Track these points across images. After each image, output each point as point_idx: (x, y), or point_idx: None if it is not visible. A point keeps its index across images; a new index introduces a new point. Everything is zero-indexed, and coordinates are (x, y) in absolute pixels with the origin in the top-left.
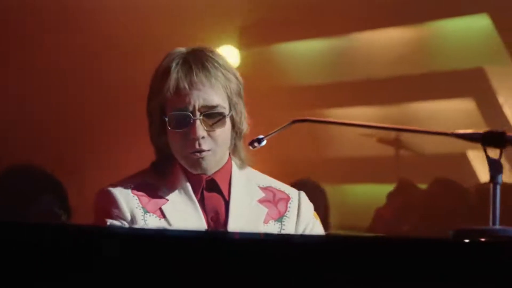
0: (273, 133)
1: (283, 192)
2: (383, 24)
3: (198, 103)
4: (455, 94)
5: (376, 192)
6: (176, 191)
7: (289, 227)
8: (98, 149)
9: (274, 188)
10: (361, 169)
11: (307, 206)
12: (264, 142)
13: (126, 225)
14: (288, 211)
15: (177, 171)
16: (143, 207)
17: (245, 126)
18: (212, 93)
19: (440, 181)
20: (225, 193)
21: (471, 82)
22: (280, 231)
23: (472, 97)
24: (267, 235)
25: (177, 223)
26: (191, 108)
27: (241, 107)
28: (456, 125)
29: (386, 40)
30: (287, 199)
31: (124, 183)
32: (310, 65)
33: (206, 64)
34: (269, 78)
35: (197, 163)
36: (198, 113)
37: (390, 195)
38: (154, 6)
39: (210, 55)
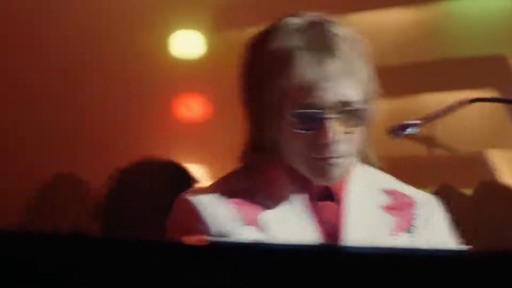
0: (436, 115)
1: (408, 196)
2: (386, 4)
3: (332, 99)
4: (472, 84)
5: None
6: (280, 199)
7: (419, 240)
8: None
9: (399, 191)
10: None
11: (440, 215)
12: (417, 129)
13: None
14: (415, 219)
15: (280, 175)
16: (239, 219)
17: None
18: (350, 86)
19: (486, 185)
20: (341, 199)
21: (491, 71)
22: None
23: (493, 88)
24: (399, 250)
25: (284, 237)
26: (322, 105)
27: (374, 92)
28: (473, 121)
29: (390, 23)
30: (412, 204)
31: (211, 190)
32: None
33: (339, 46)
34: None
35: (324, 171)
36: (331, 112)
37: None
38: None
39: (340, 33)
